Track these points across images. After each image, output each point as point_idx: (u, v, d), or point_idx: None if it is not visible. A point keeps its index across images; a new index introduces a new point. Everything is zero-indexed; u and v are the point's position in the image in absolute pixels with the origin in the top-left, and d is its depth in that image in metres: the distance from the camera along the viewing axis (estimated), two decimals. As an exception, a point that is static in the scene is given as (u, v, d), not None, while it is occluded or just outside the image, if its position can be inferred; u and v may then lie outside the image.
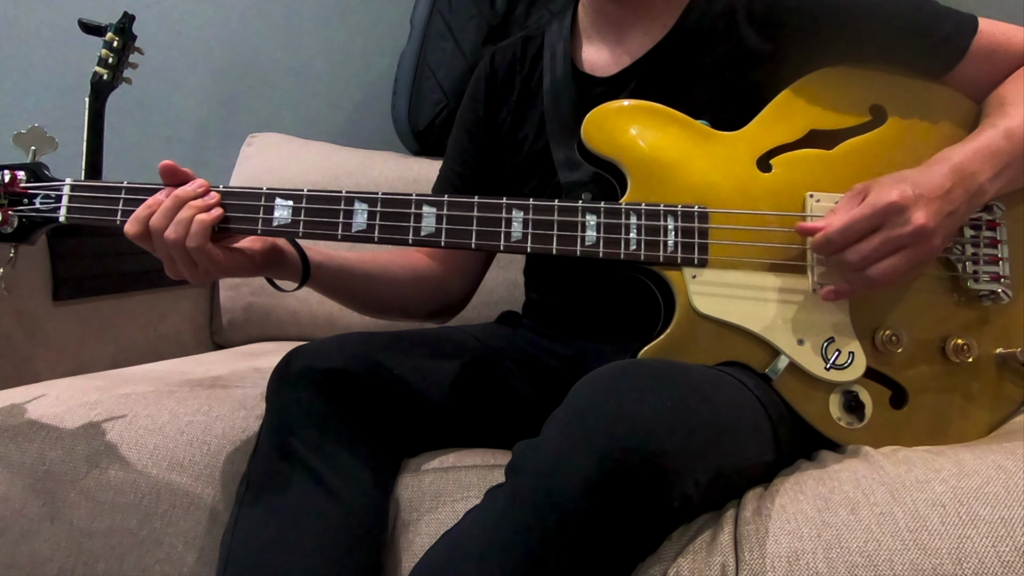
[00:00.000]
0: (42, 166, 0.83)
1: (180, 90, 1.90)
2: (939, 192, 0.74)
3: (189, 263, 0.78)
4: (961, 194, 0.76)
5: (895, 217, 0.73)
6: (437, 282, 1.04)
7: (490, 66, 1.05)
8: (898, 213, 0.73)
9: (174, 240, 0.76)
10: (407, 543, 0.78)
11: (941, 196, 0.74)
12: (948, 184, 0.75)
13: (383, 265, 0.98)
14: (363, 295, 0.97)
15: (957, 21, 0.86)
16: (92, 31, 1.54)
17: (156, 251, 0.79)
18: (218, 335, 1.61)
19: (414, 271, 1.02)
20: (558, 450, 0.61)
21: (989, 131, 0.80)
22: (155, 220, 0.77)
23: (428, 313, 1.05)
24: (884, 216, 0.73)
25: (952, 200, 0.75)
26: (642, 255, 0.79)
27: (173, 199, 0.77)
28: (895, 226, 0.73)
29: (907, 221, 0.73)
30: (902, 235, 0.73)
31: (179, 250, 0.77)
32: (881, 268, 0.74)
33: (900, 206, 0.73)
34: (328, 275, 0.90)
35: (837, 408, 0.79)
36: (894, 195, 0.73)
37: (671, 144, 0.83)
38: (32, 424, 0.88)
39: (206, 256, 0.77)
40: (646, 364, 0.70)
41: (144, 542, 0.82)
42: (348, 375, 0.80)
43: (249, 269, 0.83)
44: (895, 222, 0.73)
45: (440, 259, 1.05)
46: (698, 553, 0.67)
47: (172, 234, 0.76)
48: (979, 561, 0.60)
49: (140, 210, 0.78)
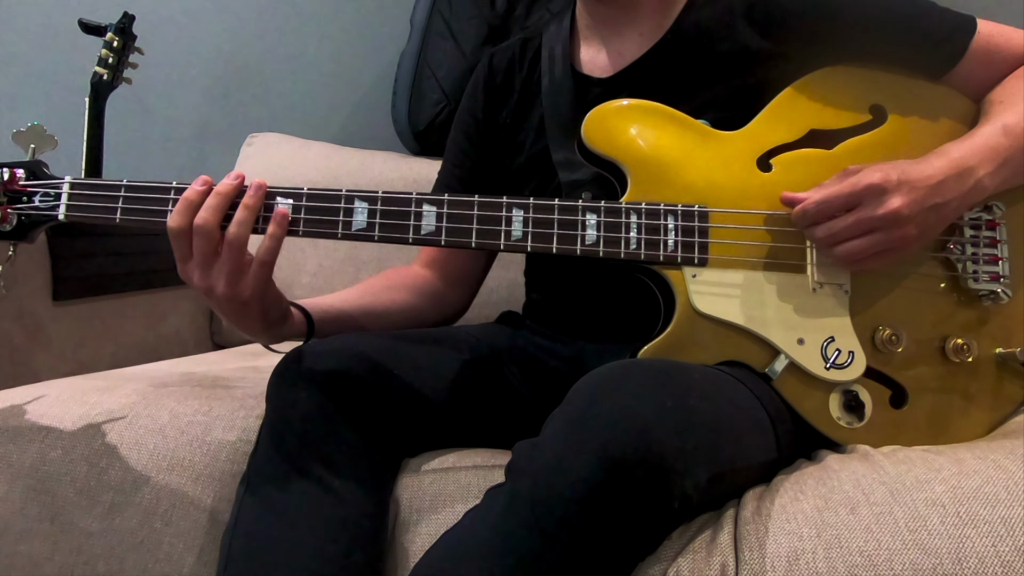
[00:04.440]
0: (41, 164, 0.83)
1: (180, 90, 1.90)
2: (927, 182, 0.74)
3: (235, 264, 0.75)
4: (953, 187, 0.76)
5: (872, 199, 0.73)
6: (438, 296, 1.04)
7: (488, 68, 1.05)
8: (876, 195, 0.73)
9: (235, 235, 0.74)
10: (407, 543, 0.78)
11: (928, 186, 0.74)
12: (940, 176, 0.75)
13: (383, 298, 0.98)
14: (366, 328, 0.96)
15: (956, 21, 0.86)
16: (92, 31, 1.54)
17: (193, 249, 0.76)
18: (218, 335, 1.61)
19: (413, 290, 1.02)
20: (558, 450, 0.61)
21: (987, 127, 0.80)
22: (204, 216, 0.74)
23: (432, 325, 1.05)
24: (862, 196, 0.73)
25: (941, 192, 0.75)
26: (642, 254, 0.79)
27: (219, 197, 0.75)
28: (869, 207, 0.73)
29: (882, 204, 0.73)
30: (874, 217, 0.73)
31: (235, 248, 0.75)
32: (847, 247, 0.75)
33: (879, 188, 0.73)
34: (330, 327, 0.89)
35: (837, 408, 0.79)
36: (876, 177, 0.73)
37: (671, 144, 0.83)
38: (32, 424, 0.88)
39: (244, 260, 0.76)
40: (646, 364, 0.70)
41: (144, 542, 0.82)
42: (348, 375, 0.80)
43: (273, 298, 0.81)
44: (871, 203, 0.73)
45: (439, 271, 1.05)
46: (698, 553, 0.67)
47: (235, 229, 0.74)
48: (979, 561, 0.60)
49: (181, 204, 0.75)
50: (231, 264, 0.75)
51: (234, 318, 0.79)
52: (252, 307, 0.78)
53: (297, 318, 0.86)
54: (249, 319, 0.79)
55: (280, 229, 0.77)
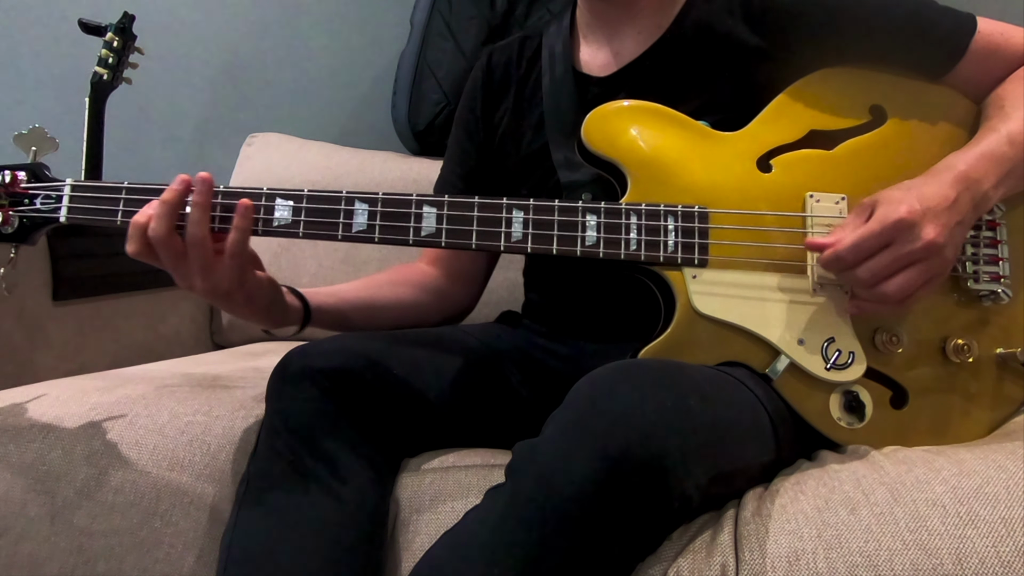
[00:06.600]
0: (43, 166, 0.83)
1: (180, 90, 1.90)
2: (946, 204, 0.74)
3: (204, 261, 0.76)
4: (967, 202, 0.76)
5: (905, 233, 0.72)
6: (442, 293, 1.04)
7: (487, 66, 1.05)
8: (907, 229, 0.72)
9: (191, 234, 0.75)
10: (407, 543, 0.78)
11: (948, 208, 0.74)
12: (954, 194, 0.75)
13: (385, 292, 0.99)
14: (367, 325, 0.96)
15: (956, 21, 0.86)
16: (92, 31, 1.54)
17: (161, 259, 0.76)
18: (218, 335, 1.61)
19: (418, 286, 1.02)
20: (558, 450, 0.61)
21: (991, 135, 0.79)
22: (154, 227, 0.75)
23: (436, 323, 1.05)
24: (894, 233, 0.72)
25: (959, 210, 0.75)
26: (642, 255, 0.79)
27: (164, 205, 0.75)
28: (905, 242, 0.72)
29: (917, 237, 0.72)
30: (913, 251, 0.73)
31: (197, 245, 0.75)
32: (895, 283, 0.73)
33: (909, 222, 0.72)
34: (327, 317, 0.90)
35: (837, 408, 0.79)
36: (902, 211, 0.72)
37: (671, 144, 0.83)
38: (32, 424, 0.88)
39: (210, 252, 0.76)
40: (646, 364, 0.70)
41: (144, 542, 0.82)
42: (348, 375, 0.80)
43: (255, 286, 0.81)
44: (905, 238, 0.72)
45: (443, 268, 1.05)
46: (698, 553, 0.67)
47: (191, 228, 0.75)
48: (979, 561, 0.60)
49: (131, 229, 0.76)
50: (200, 261, 0.76)
51: (224, 307, 0.82)
52: (236, 297, 0.79)
53: (294, 305, 0.87)
54: (237, 307, 0.81)
55: (244, 221, 0.77)
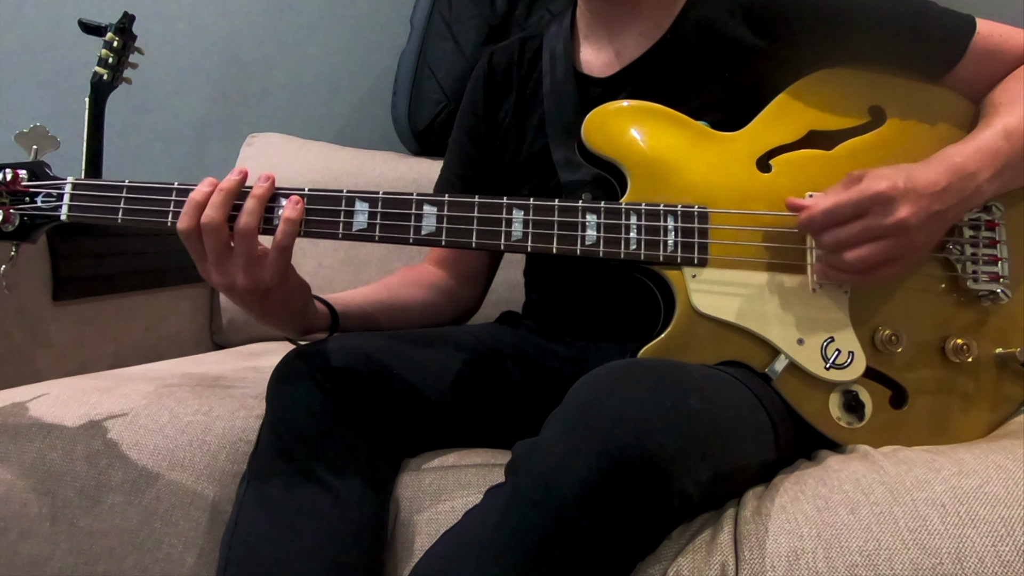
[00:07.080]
0: (44, 165, 0.83)
1: (180, 90, 1.90)
2: (933, 189, 0.74)
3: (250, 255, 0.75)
4: (955, 193, 0.76)
5: (880, 207, 0.73)
6: (451, 294, 1.05)
7: (488, 66, 1.05)
8: (884, 203, 0.73)
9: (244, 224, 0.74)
10: (407, 543, 0.78)
11: (932, 193, 0.74)
12: (943, 182, 0.75)
13: (401, 293, 0.99)
14: (386, 326, 0.96)
15: (955, 22, 0.86)
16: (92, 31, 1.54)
17: (205, 248, 0.75)
18: (218, 335, 1.61)
19: (429, 287, 1.03)
20: (558, 450, 0.61)
21: (988, 131, 0.80)
22: (209, 213, 0.74)
23: (447, 323, 1.05)
24: (869, 204, 0.73)
25: (943, 199, 0.75)
26: (642, 255, 0.79)
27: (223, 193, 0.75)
28: (878, 216, 0.73)
29: (890, 213, 0.73)
30: (883, 225, 0.73)
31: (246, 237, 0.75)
32: (855, 253, 0.74)
33: (887, 196, 0.73)
34: (353, 322, 0.90)
35: (837, 408, 0.79)
36: (883, 185, 0.73)
37: (671, 145, 0.83)
38: (32, 424, 0.88)
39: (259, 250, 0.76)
40: (646, 364, 0.70)
41: (144, 542, 0.82)
42: (348, 375, 0.80)
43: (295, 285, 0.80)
44: (879, 212, 0.73)
45: (450, 269, 1.06)
46: (698, 553, 0.67)
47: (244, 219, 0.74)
48: (979, 561, 0.60)
49: (188, 206, 0.75)
50: (245, 255, 0.75)
51: (257, 310, 0.79)
52: (274, 296, 0.78)
53: (321, 311, 0.87)
54: (273, 310, 0.79)
55: (295, 213, 0.76)
